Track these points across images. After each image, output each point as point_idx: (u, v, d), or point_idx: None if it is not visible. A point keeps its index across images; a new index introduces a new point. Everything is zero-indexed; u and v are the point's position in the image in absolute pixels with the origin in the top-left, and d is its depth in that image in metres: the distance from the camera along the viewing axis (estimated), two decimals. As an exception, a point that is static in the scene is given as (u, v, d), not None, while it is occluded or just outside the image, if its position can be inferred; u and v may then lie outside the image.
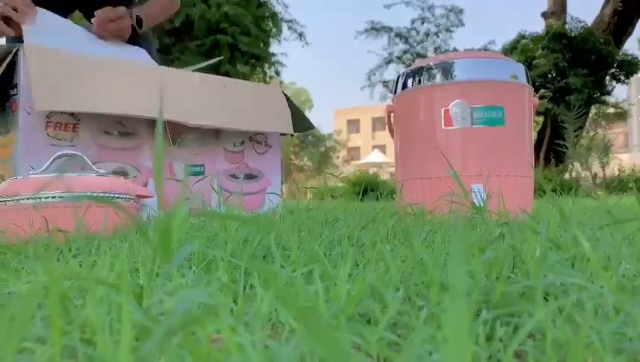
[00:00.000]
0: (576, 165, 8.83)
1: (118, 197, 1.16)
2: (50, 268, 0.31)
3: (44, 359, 0.36)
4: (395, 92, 1.74)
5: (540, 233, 0.46)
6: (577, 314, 0.34)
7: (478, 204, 1.51)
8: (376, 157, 18.98)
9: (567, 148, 8.32)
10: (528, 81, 1.63)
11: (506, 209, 1.40)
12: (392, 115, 1.78)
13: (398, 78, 1.75)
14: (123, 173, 1.63)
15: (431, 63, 1.62)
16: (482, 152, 1.54)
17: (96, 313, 0.38)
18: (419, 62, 1.71)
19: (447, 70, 1.59)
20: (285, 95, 2.00)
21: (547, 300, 0.43)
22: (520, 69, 1.61)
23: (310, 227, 0.75)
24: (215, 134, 1.84)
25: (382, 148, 22.51)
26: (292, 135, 2.00)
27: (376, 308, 0.40)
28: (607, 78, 10.31)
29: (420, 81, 1.63)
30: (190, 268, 0.62)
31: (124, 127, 1.64)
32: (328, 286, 0.46)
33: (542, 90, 9.73)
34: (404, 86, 1.69)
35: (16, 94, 1.50)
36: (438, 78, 1.59)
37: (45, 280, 0.41)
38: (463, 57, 1.60)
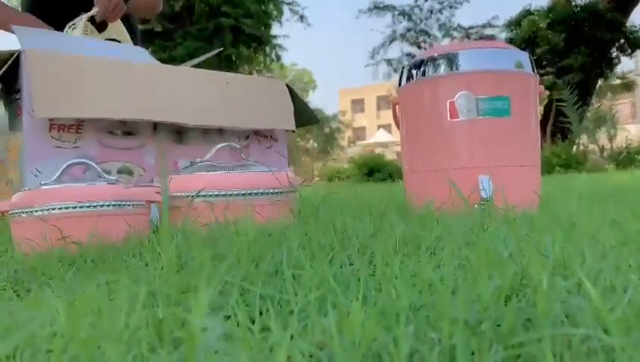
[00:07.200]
0: (584, 138, 8.79)
1: (128, 205, 1.18)
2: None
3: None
4: (400, 84, 1.74)
5: (547, 257, 0.47)
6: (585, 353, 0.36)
7: (485, 196, 1.53)
8: (381, 136, 18.94)
9: (570, 123, 8.27)
10: (533, 70, 1.62)
11: (514, 200, 1.41)
12: (397, 107, 1.78)
13: (403, 70, 1.75)
14: (128, 172, 1.65)
15: (435, 54, 1.62)
16: (489, 143, 1.54)
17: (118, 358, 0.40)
18: (423, 54, 1.70)
19: (451, 61, 1.58)
20: (290, 88, 2.00)
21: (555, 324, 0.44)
22: (525, 58, 1.61)
23: (319, 239, 0.76)
24: (219, 130, 1.85)
25: (387, 127, 22.44)
26: (294, 131, 2.00)
27: (390, 342, 0.41)
28: (615, 51, 10.19)
29: (424, 73, 1.63)
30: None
31: (127, 127, 1.65)
32: (341, 314, 0.48)
33: (547, 68, 9.65)
34: (409, 78, 1.68)
35: (19, 98, 1.52)
36: (443, 69, 1.59)
37: (68, 328, 0.43)
38: (467, 48, 1.59)
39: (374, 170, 8.53)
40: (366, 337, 0.42)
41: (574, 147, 8.52)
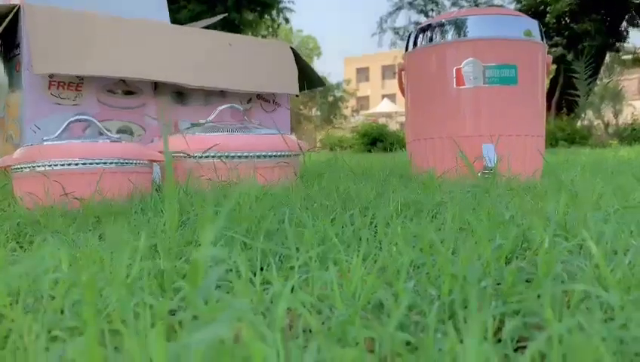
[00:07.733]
0: (589, 113, 8.70)
1: (131, 163, 1.18)
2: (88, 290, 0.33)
3: (77, 349, 0.38)
4: (407, 49, 1.71)
5: (549, 219, 0.47)
6: (584, 311, 0.36)
7: (489, 164, 1.52)
8: (386, 106, 18.78)
9: (579, 96, 8.18)
10: (542, 39, 1.59)
11: (517, 169, 1.41)
12: (403, 73, 1.76)
13: (410, 35, 1.72)
14: (128, 132, 1.65)
15: (443, 20, 1.59)
16: (494, 112, 1.52)
17: (121, 305, 0.40)
18: (431, 20, 1.67)
19: (459, 27, 1.56)
20: (294, 51, 1.98)
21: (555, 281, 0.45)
22: (534, 26, 1.58)
23: (321, 201, 0.76)
24: (221, 92, 1.84)
25: (391, 97, 22.24)
26: (297, 96, 1.99)
27: (389, 297, 0.42)
28: (625, 23, 10.01)
29: (431, 39, 1.60)
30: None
31: (127, 86, 1.64)
32: (342, 270, 0.48)
33: (555, 38, 9.48)
34: (416, 43, 1.66)
35: (19, 54, 1.51)
36: (450, 35, 1.56)
37: (72, 274, 0.43)
38: (475, 14, 1.57)
39: (377, 139, 8.50)
40: (366, 291, 0.42)
41: (579, 122, 8.46)
